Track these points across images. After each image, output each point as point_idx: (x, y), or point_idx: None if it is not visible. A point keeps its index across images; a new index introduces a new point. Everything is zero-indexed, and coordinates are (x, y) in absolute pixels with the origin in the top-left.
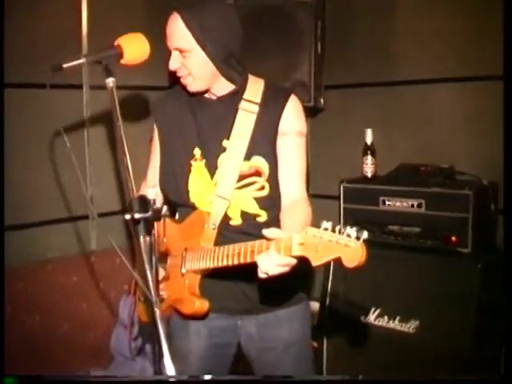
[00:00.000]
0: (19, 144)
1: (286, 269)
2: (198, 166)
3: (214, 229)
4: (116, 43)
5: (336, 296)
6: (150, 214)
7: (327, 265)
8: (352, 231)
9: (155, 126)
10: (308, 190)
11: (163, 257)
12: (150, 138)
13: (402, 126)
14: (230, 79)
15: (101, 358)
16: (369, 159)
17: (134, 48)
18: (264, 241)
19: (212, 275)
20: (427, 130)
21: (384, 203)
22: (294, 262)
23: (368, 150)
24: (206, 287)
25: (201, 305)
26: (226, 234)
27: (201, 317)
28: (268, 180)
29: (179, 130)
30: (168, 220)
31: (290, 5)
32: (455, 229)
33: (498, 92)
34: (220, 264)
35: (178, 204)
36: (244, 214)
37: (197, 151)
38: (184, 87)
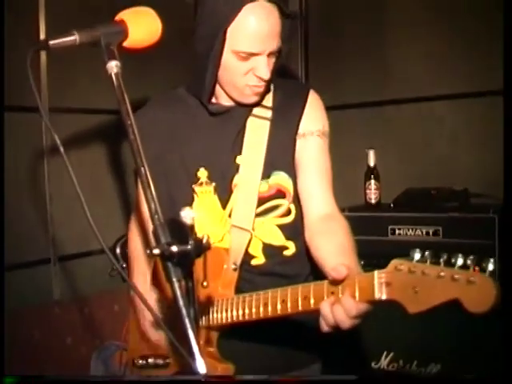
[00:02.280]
0: None
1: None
2: (204, 192)
3: (235, 269)
4: (118, 18)
5: (340, 340)
6: (190, 246)
7: None
8: (469, 260)
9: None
10: None
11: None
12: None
13: (401, 147)
14: None
15: None
16: (372, 184)
17: (143, 25)
18: (324, 282)
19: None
20: (429, 149)
21: (393, 232)
22: (370, 308)
23: (371, 173)
24: (230, 346)
25: (224, 370)
26: (247, 276)
27: None
28: (294, 201)
29: (176, 147)
30: None
31: None
32: (478, 258)
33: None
34: (254, 317)
35: None
36: (267, 248)
37: (202, 173)
38: (240, 98)
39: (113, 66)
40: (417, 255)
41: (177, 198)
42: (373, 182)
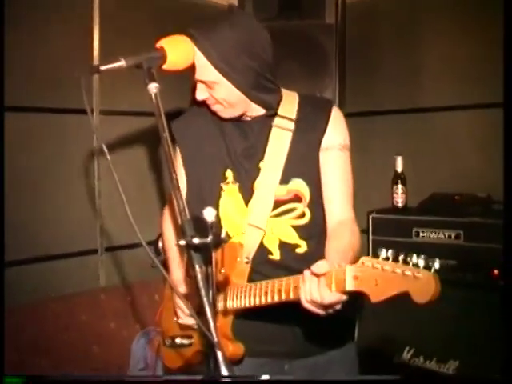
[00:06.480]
0: (24, 174)
1: (336, 307)
2: (230, 190)
3: (247, 263)
4: (158, 45)
5: (366, 334)
6: (210, 239)
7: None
8: (420, 260)
9: (178, 149)
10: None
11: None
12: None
13: (429, 154)
14: (261, 104)
15: None
16: (399, 188)
17: (179, 51)
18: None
19: (255, 314)
20: (456, 157)
21: (417, 235)
22: (344, 298)
23: (398, 178)
24: (249, 328)
25: (235, 349)
26: (262, 269)
27: (236, 361)
28: (309, 206)
29: (207, 150)
30: None
31: (313, 28)
32: (497, 261)
33: None
34: (257, 303)
35: None
36: (282, 245)
37: (229, 173)
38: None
39: (152, 87)
40: (382, 253)
41: (206, 193)
42: (400, 186)
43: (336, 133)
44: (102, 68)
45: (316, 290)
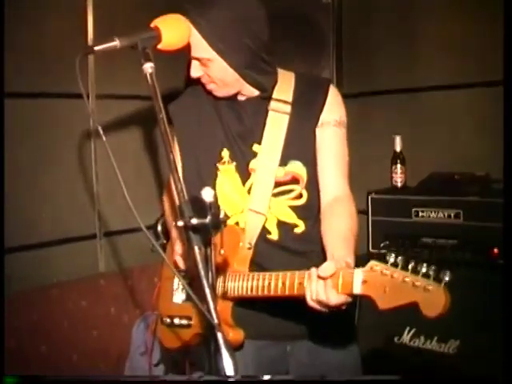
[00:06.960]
0: (21, 159)
1: (342, 308)
2: (227, 169)
3: (249, 248)
4: (153, 25)
5: (365, 314)
6: (208, 219)
7: None
8: (431, 270)
9: (174, 130)
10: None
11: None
12: None
13: (427, 134)
14: (255, 85)
15: None
16: (398, 168)
17: (174, 30)
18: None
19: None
20: (454, 136)
21: (417, 214)
22: (350, 300)
23: (397, 158)
24: (250, 311)
25: (235, 335)
26: (262, 250)
27: (236, 347)
28: (306, 187)
29: (203, 132)
30: None
31: (310, 7)
32: (497, 240)
33: None
34: (260, 294)
35: None
36: (281, 225)
37: (225, 153)
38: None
39: (148, 67)
40: (391, 259)
41: (204, 174)
42: (399, 166)
43: (332, 110)
44: (96, 48)
45: (323, 291)
